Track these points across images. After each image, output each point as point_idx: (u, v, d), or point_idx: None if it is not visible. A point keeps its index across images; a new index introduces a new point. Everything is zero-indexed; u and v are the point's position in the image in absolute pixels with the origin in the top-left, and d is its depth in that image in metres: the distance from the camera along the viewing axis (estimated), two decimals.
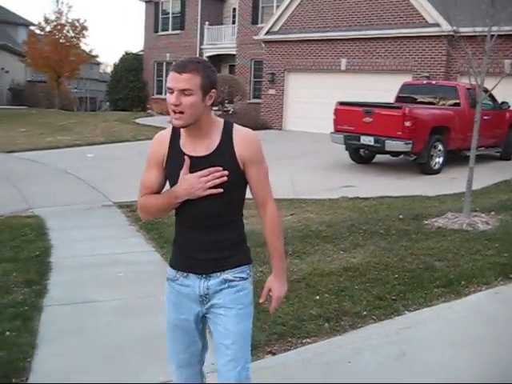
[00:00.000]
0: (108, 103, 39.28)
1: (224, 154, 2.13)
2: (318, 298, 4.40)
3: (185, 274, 2.25)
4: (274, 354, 3.57)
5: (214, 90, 2.11)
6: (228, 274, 2.22)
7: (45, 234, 6.60)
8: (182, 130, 2.17)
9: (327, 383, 3.12)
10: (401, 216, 7.15)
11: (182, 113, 2.06)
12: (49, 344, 3.74)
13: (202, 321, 2.31)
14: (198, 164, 2.11)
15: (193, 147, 2.16)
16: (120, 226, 7.22)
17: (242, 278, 2.24)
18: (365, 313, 4.10)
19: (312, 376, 3.27)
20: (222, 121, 2.20)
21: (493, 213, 7.18)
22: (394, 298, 4.38)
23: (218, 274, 2.22)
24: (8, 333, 3.83)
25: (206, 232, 2.20)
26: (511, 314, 4.23)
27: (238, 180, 2.16)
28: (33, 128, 19.20)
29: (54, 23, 29.19)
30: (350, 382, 3.20)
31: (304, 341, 3.72)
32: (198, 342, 2.34)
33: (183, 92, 2.03)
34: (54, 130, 18.60)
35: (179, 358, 2.36)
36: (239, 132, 2.18)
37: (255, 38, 21.47)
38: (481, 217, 6.89)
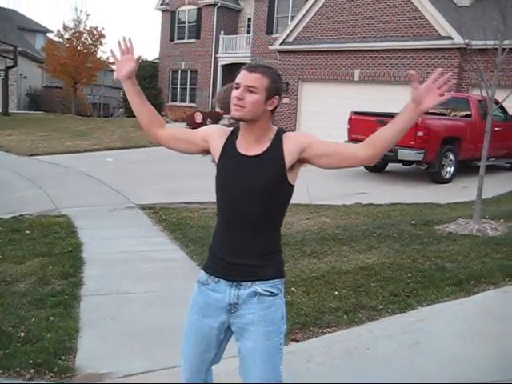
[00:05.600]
0: (122, 109, 39.86)
1: (272, 155, 2.19)
2: (336, 293, 4.72)
3: (216, 279, 2.25)
4: (297, 341, 3.89)
5: (277, 97, 2.19)
6: (258, 286, 2.19)
7: (74, 232, 6.95)
8: (239, 132, 2.26)
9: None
10: (413, 222, 7.45)
11: (242, 107, 2.14)
12: (90, 328, 4.08)
13: (225, 331, 2.30)
14: (248, 163, 2.19)
15: (246, 148, 2.22)
16: (144, 226, 7.56)
17: (273, 294, 2.20)
18: (381, 307, 4.42)
19: (333, 359, 3.60)
20: (276, 128, 2.28)
21: (502, 220, 7.46)
22: (407, 294, 4.69)
23: (249, 283, 2.20)
24: (52, 318, 4.17)
25: (241, 233, 2.20)
26: None
27: (280, 181, 2.20)
28: (52, 132, 19.67)
29: (73, 31, 29.79)
30: (368, 366, 3.52)
31: (325, 330, 4.04)
32: (213, 350, 2.33)
33: (248, 89, 2.13)
34: (73, 135, 19.05)
35: (190, 362, 2.37)
36: (288, 134, 2.26)
37: (270, 47, 21.87)
38: (490, 223, 7.17)
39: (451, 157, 11.73)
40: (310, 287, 4.84)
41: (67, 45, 29.77)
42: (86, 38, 30.04)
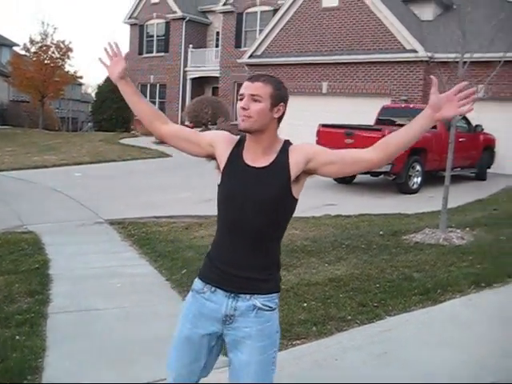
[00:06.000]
0: (90, 123, 39.53)
1: (278, 167, 2.17)
2: (305, 305, 4.75)
3: (213, 288, 2.22)
4: None
5: (282, 104, 2.19)
6: (257, 300, 2.17)
7: (41, 248, 6.85)
8: (246, 142, 2.24)
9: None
10: (381, 232, 7.55)
11: (249, 117, 2.14)
12: (57, 346, 4.02)
13: (217, 338, 2.25)
14: (254, 174, 2.17)
15: (253, 159, 2.20)
16: (113, 241, 7.49)
17: (271, 308, 2.19)
18: (349, 317, 4.46)
19: (303, 371, 3.61)
20: (283, 140, 2.26)
21: (467, 229, 7.62)
22: (375, 304, 4.75)
23: (248, 296, 2.17)
24: (18, 337, 4.09)
25: (242, 244, 2.18)
26: (482, 319, 4.61)
27: (285, 194, 2.18)
28: (18, 147, 19.39)
29: (40, 44, 29.49)
30: (338, 376, 3.54)
31: (294, 342, 4.05)
32: (202, 360, 2.26)
33: (253, 98, 2.13)
34: (40, 150, 18.81)
35: (178, 373, 2.29)
36: (294, 146, 2.24)
37: (239, 61, 22.01)
38: (456, 232, 7.31)
39: (418, 167, 11.94)
40: (279, 299, 4.84)
41: (34, 58, 29.45)
42: (53, 52, 29.76)
